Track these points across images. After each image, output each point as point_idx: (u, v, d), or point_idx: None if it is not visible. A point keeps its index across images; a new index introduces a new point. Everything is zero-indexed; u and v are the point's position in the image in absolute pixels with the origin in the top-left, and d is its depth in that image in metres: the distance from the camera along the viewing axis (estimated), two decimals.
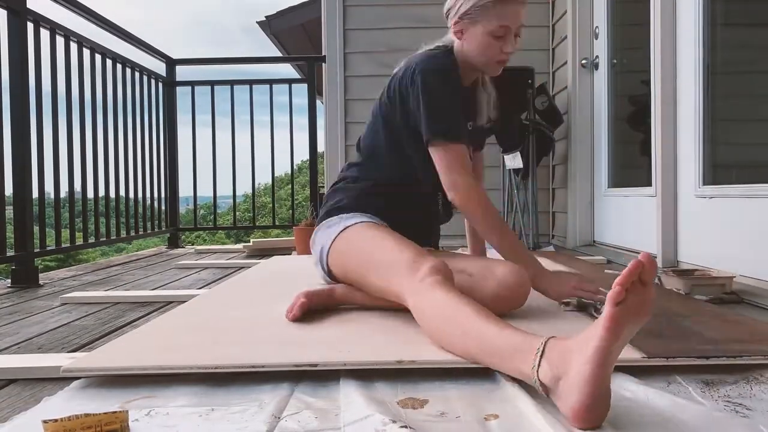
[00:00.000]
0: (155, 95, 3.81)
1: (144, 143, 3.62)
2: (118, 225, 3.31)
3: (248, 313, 1.50)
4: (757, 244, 1.92)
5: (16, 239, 2.36)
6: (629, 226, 2.93)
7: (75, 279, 2.50)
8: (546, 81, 3.59)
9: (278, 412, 0.89)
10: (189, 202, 4.56)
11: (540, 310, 1.47)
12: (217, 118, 3.98)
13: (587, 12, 3.37)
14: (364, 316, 1.44)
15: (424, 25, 3.90)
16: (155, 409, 0.91)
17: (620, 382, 0.98)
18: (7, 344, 1.38)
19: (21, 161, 2.32)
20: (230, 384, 1.02)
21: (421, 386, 0.99)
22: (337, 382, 1.01)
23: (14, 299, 2.02)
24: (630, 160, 3.20)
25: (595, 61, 3.32)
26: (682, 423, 0.83)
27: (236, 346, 1.17)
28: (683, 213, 2.36)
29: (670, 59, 2.38)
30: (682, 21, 2.35)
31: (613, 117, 3.22)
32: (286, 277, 2.19)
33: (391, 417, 0.83)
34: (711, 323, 1.31)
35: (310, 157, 4.08)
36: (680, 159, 2.37)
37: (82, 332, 1.50)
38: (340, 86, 3.89)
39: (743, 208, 2.00)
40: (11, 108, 2.30)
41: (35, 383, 1.08)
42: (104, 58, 3.09)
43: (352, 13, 3.91)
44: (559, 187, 3.70)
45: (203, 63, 4.39)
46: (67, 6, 2.75)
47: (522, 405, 0.89)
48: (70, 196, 2.82)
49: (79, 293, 2.03)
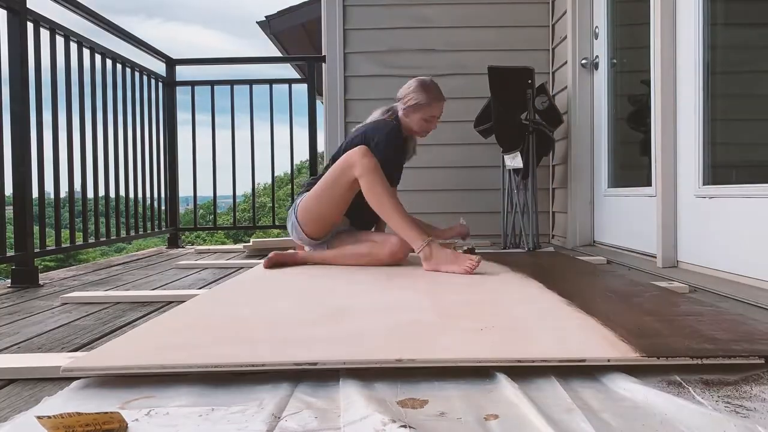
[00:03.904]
0: (155, 95, 3.81)
1: (144, 143, 3.63)
2: (118, 225, 3.31)
3: (248, 313, 1.51)
4: (758, 244, 1.92)
5: (16, 239, 2.36)
6: (629, 226, 2.93)
7: (75, 279, 2.50)
8: (546, 81, 3.59)
9: (278, 412, 0.89)
10: (189, 202, 4.57)
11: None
12: (217, 118, 3.99)
13: (587, 12, 3.38)
14: (364, 315, 1.44)
15: (424, 25, 3.91)
16: (155, 409, 0.91)
17: (619, 382, 0.98)
18: (7, 344, 1.38)
19: (21, 161, 2.32)
20: (230, 384, 1.02)
21: (420, 386, 1.00)
22: (337, 382, 1.01)
23: (14, 299, 2.02)
24: (630, 160, 3.20)
25: (595, 61, 3.32)
26: (681, 423, 0.83)
27: (236, 346, 1.17)
28: (683, 213, 2.36)
29: (670, 59, 2.38)
30: (682, 21, 2.35)
31: (613, 117, 3.22)
32: (285, 276, 2.20)
33: (390, 417, 0.83)
34: (710, 323, 1.31)
35: (309, 157, 4.08)
36: (680, 159, 2.37)
37: (82, 332, 1.50)
38: (340, 86, 3.89)
39: (743, 208, 2.00)
40: (11, 108, 2.30)
41: (35, 383, 1.08)
42: (104, 58, 3.09)
43: (352, 13, 3.91)
44: (559, 187, 3.70)
45: (203, 63, 4.39)
46: (67, 6, 2.75)
47: (522, 405, 0.89)
48: (70, 196, 2.82)
49: (79, 293, 2.03)
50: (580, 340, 1.17)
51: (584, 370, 1.04)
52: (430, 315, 1.44)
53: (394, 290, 1.85)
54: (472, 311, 1.49)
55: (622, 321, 1.33)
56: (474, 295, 1.73)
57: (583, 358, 1.05)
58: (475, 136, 3.54)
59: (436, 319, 1.39)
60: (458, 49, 3.89)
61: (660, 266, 2.40)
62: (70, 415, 0.79)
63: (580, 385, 0.99)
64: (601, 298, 1.66)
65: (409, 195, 3.86)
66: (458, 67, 3.88)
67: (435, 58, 3.89)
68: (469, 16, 3.89)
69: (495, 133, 3.34)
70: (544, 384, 0.99)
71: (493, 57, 3.64)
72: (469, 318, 1.39)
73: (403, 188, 3.87)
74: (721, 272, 2.11)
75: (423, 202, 3.88)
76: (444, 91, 2.56)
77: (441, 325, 1.32)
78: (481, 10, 3.89)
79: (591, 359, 1.05)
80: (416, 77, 2.64)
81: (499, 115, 3.29)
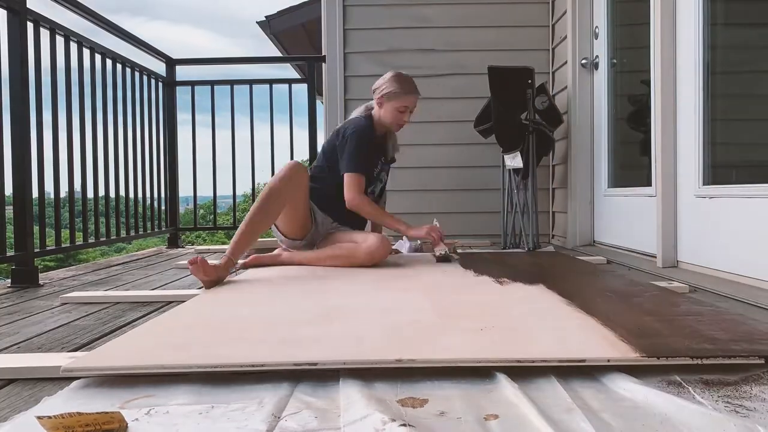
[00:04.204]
0: (155, 95, 3.81)
1: (144, 143, 3.62)
2: (118, 225, 3.31)
3: (247, 313, 1.51)
4: (758, 244, 1.92)
5: (16, 239, 2.36)
6: (629, 226, 2.93)
7: (75, 279, 2.50)
8: (546, 81, 3.59)
9: (278, 411, 0.89)
10: (189, 202, 4.57)
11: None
12: (217, 118, 3.98)
13: (587, 12, 3.38)
14: (364, 315, 1.44)
15: (424, 25, 3.91)
16: (155, 408, 0.91)
17: (619, 382, 0.98)
18: (7, 344, 1.38)
19: (21, 161, 2.32)
20: (230, 383, 1.02)
21: (420, 385, 1.00)
22: (337, 382, 1.01)
23: (14, 299, 2.02)
24: (630, 160, 3.20)
25: (595, 61, 3.32)
26: (681, 423, 0.83)
27: (236, 346, 1.17)
28: (683, 213, 2.36)
29: (670, 59, 2.38)
30: (682, 21, 2.35)
31: (613, 117, 3.22)
32: (285, 276, 2.20)
33: (390, 416, 0.83)
34: (710, 323, 1.31)
35: (309, 157, 4.08)
36: (680, 159, 2.37)
37: (82, 332, 1.50)
38: (340, 86, 3.89)
39: (743, 208, 2.00)
40: (11, 108, 2.30)
41: (35, 383, 1.08)
42: (104, 58, 3.09)
43: (352, 13, 3.91)
44: (559, 187, 3.70)
45: (203, 63, 4.38)
46: (67, 6, 2.75)
47: (522, 405, 0.89)
48: (70, 195, 2.82)
49: (79, 293, 2.03)
50: (580, 340, 1.17)
51: (584, 371, 1.04)
52: (430, 315, 1.44)
53: (394, 291, 1.85)
54: (472, 311, 1.49)
55: (622, 321, 1.33)
56: (474, 296, 1.73)
57: (583, 358, 1.05)
58: (475, 136, 3.54)
59: (435, 320, 1.39)
60: (458, 49, 3.89)
61: (660, 266, 2.40)
62: (71, 415, 0.79)
63: (581, 386, 0.99)
64: (601, 298, 1.66)
65: (410, 195, 3.88)
66: (458, 67, 3.88)
67: (435, 58, 3.89)
68: (469, 16, 3.89)
69: (495, 133, 3.34)
70: (544, 384, 0.99)
71: (493, 57, 3.64)
72: (469, 318, 1.39)
73: (403, 188, 3.90)
74: (721, 272, 2.10)
75: (423, 202, 3.89)
76: (444, 91, 2.57)
77: (441, 326, 1.32)
78: (481, 10, 3.89)
79: (591, 359, 1.05)
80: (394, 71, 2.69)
81: (499, 115, 3.29)
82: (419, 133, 3.86)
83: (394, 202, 3.68)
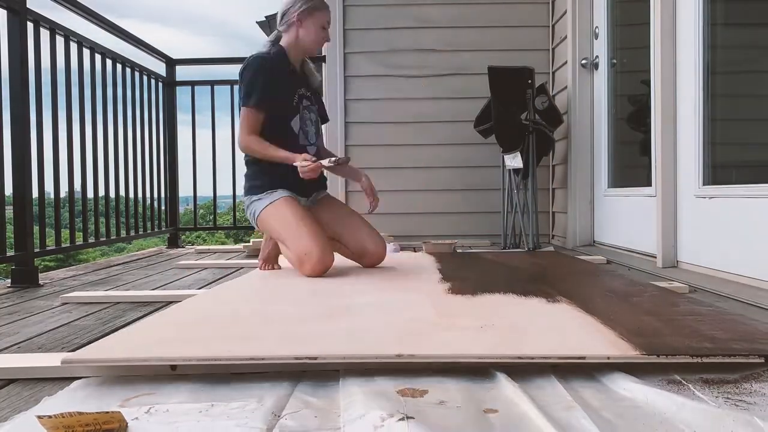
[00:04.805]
0: (155, 95, 3.81)
1: (144, 143, 3.63)
2: (118, 225, 3.31)
3: (248, 311, 1.51)
4: (758, 244, 1.92)
5: (16, 239, 2.36)
6: (629, 226, 2.93)
7: (75, 279, 2.50)
8: (546, 81, 3.59)
9: (278, 410, 0.89)
10: (189, 202, 4.57)
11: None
12: (217, 118, 3.98)
13: (587, 12, 3.38)
14: (364, 313, 1.44)
15: (424, 25, 3.91)
16: (155, 406, 0.91)
17: (619, 381, 0.98)
18: (7, 344, 1.38)
19: (21, 161, 2.32)
20: (230, 381, 1.02)
21: (420, 380, 1.00)
22: (337, 382, 1.01)
23: (14, 299, 2.02)
24: (630, 160, 3.20)
25: (595, 61, 3.32)
26: (681, 422, 0.83)
27: (236, 341, 1.17)
28: (683, 213, 2.36)
29: (670, 59, 2.38)
30: (682, 21, 2.35)
31: (613, 117, 3.22)
32: (284, 276, 2.20)
33: (389, 411, 0.83)
34: (710, 323, 1.31)
35: None
36: (680, 159, 2.37)
37: (82, 332, 1.50)
38: (340, 86, 3.89)
39: (743, 208, 2.00)
40: (11, 108, 2.30)
41: (35, 383, 1.08)
42: (104, 58, 3.09)
43: (352, 13, 3.91)
44: (559, 187, 3.70)
45: (203, 63, 4.39)
46: (67, 6, 2.75)
47: (521, 403, 0.89)
48: (70, 195, 2.82)
49: (79, 293, 2.03)
50: (580, 339, 1.17)
51: (584, 370, 1.05)
52: (431, 313, 1.44)
53: (394, 290, 1.85)
54: (472, 310, 1.49)
55: (622, 320, 1.33)
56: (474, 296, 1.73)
57: (582, 356, 1.05)
58: (475, 136, 3.55)
59: (436, 318, 1.39)
60: (458, 49, 3.89)
61: (660, 266, 2.40)
62: (71, 414, 0.79)
63: (581, 385, 0.99)
64: (601, 298, 1.66)
65: (410, 195, 3.88)
66: (458, 67, 3.88)
67: (435, 58, 3.89)
68: (469, 16, 3.89)
69: (495, 133, 3.35)
70: (544, 383, 0.99)
71: (493, 57, 3.64)
72: (470, 316, 1.39)
73: (403, 188, 3.90)
74: (721, 272, 2.10)
75: (423, 202, 3.89)
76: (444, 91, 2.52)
77: (441, 323, 1.32)
78: (481, 10, 3.89)
79: (591, 356, 1.05)
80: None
81: (499, 115, 3.29)
82: (419, 133, 3.87)
83: (395, 201, 3.69)
